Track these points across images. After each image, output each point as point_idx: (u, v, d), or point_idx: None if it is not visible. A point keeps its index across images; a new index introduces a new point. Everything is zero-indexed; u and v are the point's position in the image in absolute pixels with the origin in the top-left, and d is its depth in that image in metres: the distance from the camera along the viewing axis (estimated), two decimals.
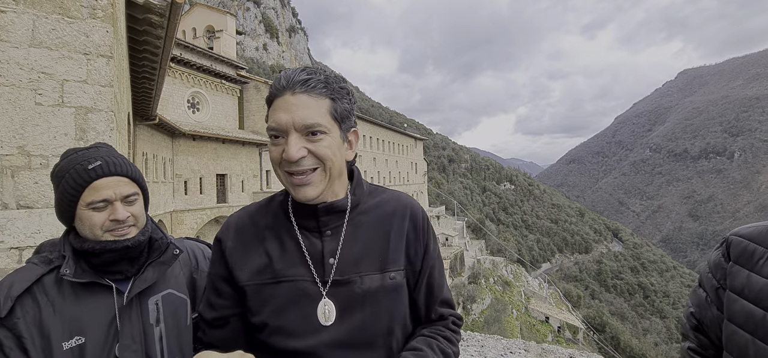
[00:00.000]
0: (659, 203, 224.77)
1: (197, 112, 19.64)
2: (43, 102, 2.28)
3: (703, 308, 0.97)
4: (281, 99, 0.80)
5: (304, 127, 0.78)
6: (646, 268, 71.59)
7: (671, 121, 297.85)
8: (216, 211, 18.46)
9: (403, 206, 0.95)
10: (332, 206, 0.87)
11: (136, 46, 5.03)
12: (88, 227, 1.00)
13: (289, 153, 0.78)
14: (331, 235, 0.88)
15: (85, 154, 1.01)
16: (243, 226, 0.93)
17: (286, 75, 0.81)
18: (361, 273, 0.86)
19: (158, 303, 1.09)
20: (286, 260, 0.86)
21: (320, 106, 0.80)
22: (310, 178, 0.81)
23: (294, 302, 0.84)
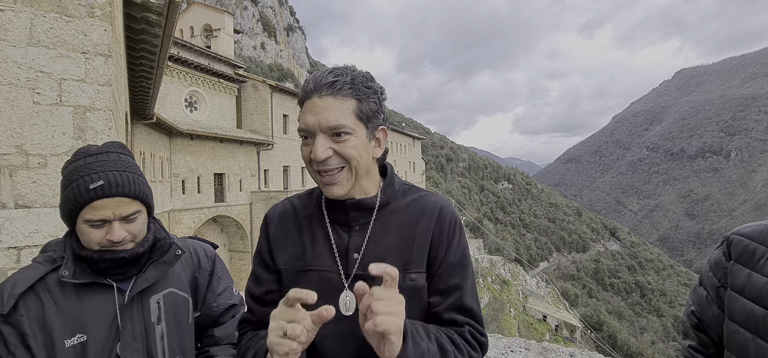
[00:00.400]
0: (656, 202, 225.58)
1: (195, 111, 19.59)
2: (41, 101, 2.27)
3: (704, 307, 0.98)
4: (310, 102, 0.84)
5: (330, 129, 0.82)
6: (643, 267, 71.82)
7: (668, 120, 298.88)
8: (214, 210, 18.42)
9: (433, 205, 0.94)
10: (360, 203, 0.91)
11: (134, 45, 5.02)
12: (85, 240, 1.01)
13: (316, 153, 0.82)
14: (359, 230, 0.91)
15: (93, 164, 0.99)
16: (286, 213, 1.00)
17: (314, 78, 0.85)
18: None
19: (160, 302, 1.10)
20: (316, 251, 0.92)
21: (345, 108, 0.83)
22: (336, 177, 0.85)
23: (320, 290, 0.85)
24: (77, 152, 1.04)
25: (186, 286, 1.18)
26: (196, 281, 1.22)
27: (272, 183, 22.22)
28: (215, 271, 1.29)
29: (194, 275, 1.22)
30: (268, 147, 21.71)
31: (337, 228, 0.93)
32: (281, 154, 22.84)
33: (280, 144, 22.64)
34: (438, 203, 0.95)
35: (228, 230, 20.22)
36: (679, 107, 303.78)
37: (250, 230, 20.23)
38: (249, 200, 20.38)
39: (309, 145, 0.85)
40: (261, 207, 20.12)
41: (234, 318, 1.30)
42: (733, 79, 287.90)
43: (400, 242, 0.91)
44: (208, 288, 1.25)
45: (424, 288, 0.90)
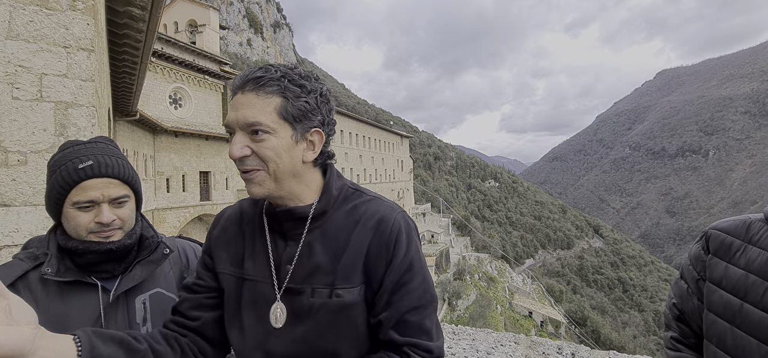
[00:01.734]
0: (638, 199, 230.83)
1: (179, 108, 19.27)
2: (21, 96, 2.21)
3: (685, 299, 1.01)
4: (235, 98, 0.80)
5: (247, 126, 0.77)
6: (625, 263, 73.45)
7: (650, 120, 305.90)
8: (199, 209, 18.16)
9: (372, 214, 0.85)
10: (292, 212, 0.84)
11: (116, 40, 4.91)
12: (72, 227, 0.97)
13: (231, 151, 0.79)
14: (294, 241, 0.85)
15: (80, 150, 0.98)
16: (234, 217, 0.96)
17: (244, 73, 0.81)
18: (313, 286, 0.82)
19: (145, 302, 1.06)
20: (254, 259, 0.88)
21: (266, 105, 0.77)
22: (255, 177, 0.80)
23: (252, 301, 0.86)
24: (64, 144, 1.02)
25: (174, 286, 1.14)
26: (184, 282, 1.20)
27: None
28: None
29: (183, 275, 1.19)
30: None
31: (276, 237, 0.88)
32: None
33: None
34: (378, 212, 0.85)
35: None
36: (661, 107, 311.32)
37: None
38: (236, 199, 20.16)
39: (232, 143, 0.81)
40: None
41: None
42: (712, 81, 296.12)
43: (331, 254, 0.83)
44: None
45: (357, 304, 0.82)
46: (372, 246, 0.82)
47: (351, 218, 0.85)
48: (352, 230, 0.84)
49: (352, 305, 0.81)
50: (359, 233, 0.83)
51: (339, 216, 0.86)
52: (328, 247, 0.84)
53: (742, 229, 0.90)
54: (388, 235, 0.82)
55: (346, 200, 0.88)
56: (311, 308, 0.81)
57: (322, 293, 0.81)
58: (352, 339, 0.82)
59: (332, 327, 0.81)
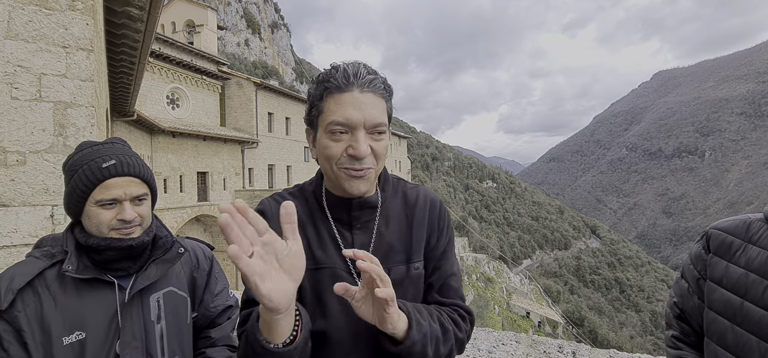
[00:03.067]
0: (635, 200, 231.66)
1: (177, 108, 19.21)
2: (20, 96, 2.20)
3: (686, 298, 1.02)
4: (349, 95, 0.80)
5: (373, 126, 0.81)
6: (622, 263, 73.66)
7: (646, 121, 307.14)
8: (197, 209, 18.11)
9: (424, 198, 0.98)
10: (366, 202, 0.90)
11: (114, 40, 4.89)
12: (94, 224, 0.99)
13: (360, 150, 0.79)
14: (361, 229, 0.91)
15: (100, 150, 1.01)
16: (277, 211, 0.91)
17: (350, 69, 0.81)
18: (389, 265, 0.89)
19: (160, 300, 1.08)
20: (323, 249, 0.90)
21: (382, 106, 0.83)
22: (366, 174, 0.83)
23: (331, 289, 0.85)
24: (81, 144, 1.04)
25: (185, 285, 1.17)
26: (194, 281, 1.21)
27: (257, 182, 21.98)
28: (213, 271, 1.27)
29: (192, 274, 1.21)
30: (252, 145, 21.46)
31: (340, 226, 0.91)
32: (266, 153, 22.60)
33: (265, 142, 22.40)
34: (429, 196, 0.99)
35: (211, 230, 19.91)
36: (657, 108, 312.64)
37: None
38: (233, 199, 20.10)
39: (342, 140, 0.81)
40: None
41: (230, 320, 1.28)
42: (708, 82, 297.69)
43: (401, 236, 0.93)
44: (205, 288, 1.23)
45: (423, 274, 0.94)
46: (430, 223, 0.96)
47: (407, 203, 0.97)
48: (412, 212, 0.95)
49: (423, 275, 0.93)
50: (418, 214, 0.95)
51: (396, 202, 0.96)
52: (394, 229, 0.93)
53: (743, 228, 0.92)
54: (438, 212, 0.97)
55: (396, 188, 0.99)
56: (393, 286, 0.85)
57: (400, 270, 0.90)
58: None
59: (411, 296, 0.90)
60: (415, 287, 0.92)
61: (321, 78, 0.85)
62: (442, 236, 0.97)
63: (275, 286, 0.59)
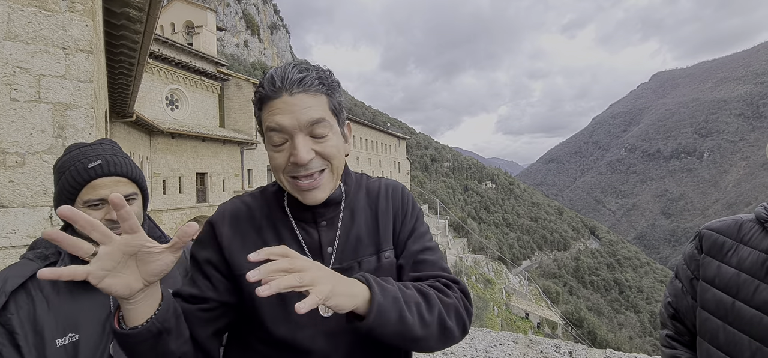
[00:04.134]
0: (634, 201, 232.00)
1: (176, 109, 19.20)
2: (19, 97, 2.21)
3: (679, 298, 1.03)
4: (278, 100, 0.76)
5: (309, 126, 0.76)
6: (621, 264, 73.71)
7: (645, 122, 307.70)
8: (196, 210, 18.10)
9: (385, 186, 0.98)
10: (328, 199, 0.87)
11: (114, 41, 4.90)
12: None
13: (300, 156, 0.75)
14: (327, 226, 0.88)
15: (87, 151, 1.01)
16: (239, 213, 0.89)
17: (277, 74, 0.77)
18: (359, 258, 0.87)
19: None
20: None
21: (320, 104, 0.78)
22: (318, 181, 0.80)
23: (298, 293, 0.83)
24: (70, 146, 1.05)
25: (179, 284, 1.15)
26: None
27: (256, 183, 21.97)
28: None
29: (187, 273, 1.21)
30: (251, 146, 21.45)
31: (303, 226, 0.87)
32: (265, 154, 22.54)
33: None
34: (390, 184, 0.99)
35: None
36: (656, 109, 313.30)
37: None
38: None
39: (284, 150, 0.78)
40: None
41: None
42: (706, 83, 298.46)
43: (368, 228, 0.91)
44: None
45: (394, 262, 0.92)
46: (394, 208, 0.95)
47: (371, 194, 0.96)
48: (376, 203, 0.95)
49: (394, 264, 0.91)
50: (382, 203, 0.95)
51: (360, 196, 0.95)
52: (360, 222, 0.91)
53: (734, 229, 0.93)
54: (401, 197, 0.97)
55: (358, 183, 0.98)
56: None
57: (371, 261, 0.88)
58: None
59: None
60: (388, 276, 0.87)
61: (257, 89, 0.82)
62: (406, 217, 0.95)
63: (117, 280, 0.64)
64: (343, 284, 0.68)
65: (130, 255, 0.65)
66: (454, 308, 0.82)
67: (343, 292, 0.66)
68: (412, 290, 0.78)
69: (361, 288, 0.70)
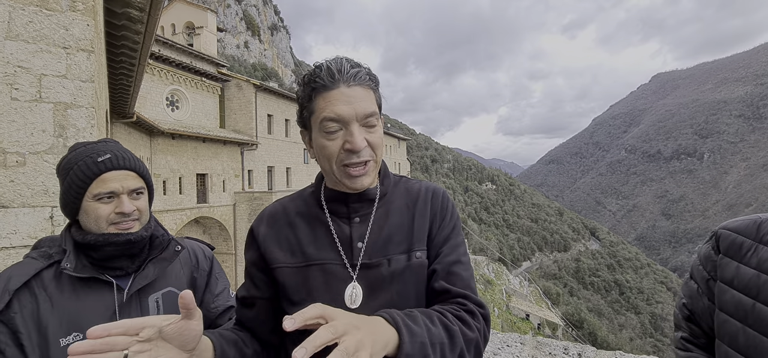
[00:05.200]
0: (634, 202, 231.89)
1: (176, 110, 19.19)
2: (20, 97, 2.19)
3: (695, 299, 1.01)
4: (336, 91, 0.81)
5: (365, 117, 0.82)
6: (621, 265, 73.64)
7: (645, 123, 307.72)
8: (196, 211, 18.08)
9: (426, 189, 0.99)
10: (363, 194, 0.91)
11: (114, 41, 4.88)
12: (93, 219, 0.99)
13: (356, 143, 0.80)
14: (359, 221, 0.90)
15: (94, 147, 1.01)
16: (275, 214, 0.96)
17: (334, 66, 0.82)
18: (389, 256, 0.88)
19: (159, 301, 1.07)
20: (316, 245, 0.89)
21: (371, 97, 0.84)
22: (366, 168, 0.84)
23: (325, 284, 0.86)
24: (74, 145, 1.04)
25: (184, 285, 1.15)
26: (194, 281, 1.19)
27: (256, 184, 21.94)
28: (213, 272, 1.26)
29: (192, 274, 1.20)
30: (252, 147, 21.43)
31: (337, 220, 0.91)
32: (266, 155, 22.57)
33: (265, 144, 22.38)
34: (431, 187, 1.00)
35: (211, 232, 19.87)
36: (656, 110, 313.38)
37: (233, 231, 19.93)
38: (232, 201, 20.07)
39: (336, 137, 0.82)
40: (245, 208, 19.84)
41: (231, 320, 1.27)
42: (706, 84, 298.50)
43: (401, 225, 0.92)
44: (206, 289, 1.22)
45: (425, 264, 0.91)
46: (433, 211, 0.95)
47: (409, 195, 0.97)
48: (415, 203, 0.96)
49: (425, 265, 0.91)
50: (421, 204, 0.95)
51: (397, 194, 0.97)
52: (394, 220, 0.92)
53: (753, 228, 0.91)
54: (441, 201, 0.97)
55: (396, 182, 1.00)
56: (392, 275, 0.86)
57: (400, 259, 0.88)
58: (421, 297, 0.89)
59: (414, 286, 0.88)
60: (416, 277, 0.89)
61: (306, 79, 0.85)
62: (443, 222, 0.94)
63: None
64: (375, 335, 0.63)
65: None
66: (475, 343, 0.80)
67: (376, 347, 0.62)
68: (438, 328, 0.74)
69: (391, 335, 0.67)
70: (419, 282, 0.89)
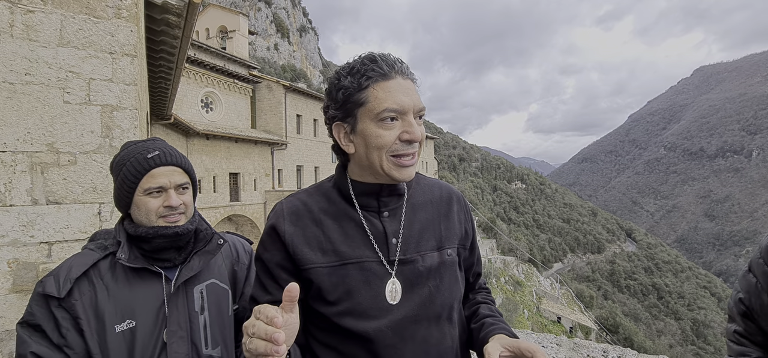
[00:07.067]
0: (674, 202, 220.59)
1: (210, 111, 19.87)
2: (71, 100, 2.33)
3: (753, 294, 0.95)
4: (393, 81, 0.82)
5: (418, 111, 0.84)
6: (660, 268, 70.30)
7: (687, 119, 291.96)
8: (229, 209, 18.66)
9: (449, 191, 1.03)
10: (394, 189, 0.91)
11: (154, 46, 5.11)
12: (143, 213, 1.05)
13: (416, 133, 0.82)
14: (389, 216, 0.91)
15: (144, 145, 1.08)
16: (297, 210, 0.91)
17: (388, 59, 0.83)
18: (422, 252, 0.90)
19: (203, 292, 1.13)
20: (348, 242, 0.87)
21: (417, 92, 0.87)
22: (414, 159, 0.85)
23: (365, 282, 0.85)
24: (126, 143, 1.12)
25: (226, 278, 1.21)
26: (235, 274, 1.25)
27: (286, 182, 22.41)
28: (252, 265, 1.30)
29: (233, 267, 1.25)
30: (281, 147, 21.91)
31: (368, 216, 0.90)
32: (295, 154, 23.02)
33: (294, 144, 22.83)
34: (453, 189, 1.05)
35: (243, 229, 20.46)
36: (698, 106, 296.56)
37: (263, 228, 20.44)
38: (263, 200, 20.60)
39: (393, 127, 0.81)
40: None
41: None
42: (755, 77, 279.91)
43: (429, 221, 0.94)
44: (245, 282, 1.27)
45: (456, 262, 0.96)
46: (459, 213, 1.00)
47: (430, 191, 1.00)
48: (440, 201, 0.99)
49: (457, 262, 0.96)
50: (446, 204, 0.99)
51: (418, 191, 0.98)
52: (422, 216, 0.94)
53: None
54: (465, 205, 1.04)
55: (416, 178, 1.00)
56: (428, 271, 0.88)
57: (433, 256, 0.91)
58: (457, 289, 0.95)
59: (449, 282, 0.92)
60: (448, 273, 0.92)
61: (357, 69, 0.83)
62: (472, 225, 1.04)
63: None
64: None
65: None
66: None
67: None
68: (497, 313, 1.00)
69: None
70: (451, 278, 0.93)
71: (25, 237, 2.22)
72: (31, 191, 2.23)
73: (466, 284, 1.07)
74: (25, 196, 2.21)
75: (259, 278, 0.93)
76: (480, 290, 1.09)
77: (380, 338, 0.82)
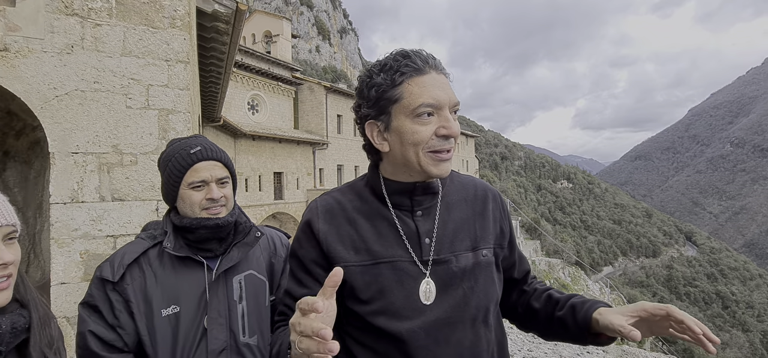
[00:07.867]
0: (742, 203, 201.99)
1: (256, 113, 20.71)
2: (133, 105, 2.54)
3: None
4: (428, 76, 0.80)
5: (454, 106, 0.83)
6: (725, 275, 64.67)
7: (758, 112, 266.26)
8: (273, 207, 19.38)
9: (484, 188, 1.00)
10: (428, 186, 0.89)
11: (204, 52, 5.42)
12: (188, 205, 1.13)
13: (453, 128, 0.81)
14: (423, 216, 0.89)
15: (187, 141, 1.17)
16: (331, 208, 0.91)
17: (421, 54, 0.83)
18: (456, 252, 0.87)
19: (241, 282, 1.19)
20: (381, 242, 0.86)
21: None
22: (450, 154, 0.84)
23: (398, 282, 0.84)
24: (171, 140, 1.21)
25: (264, 269, 1.27)
26: (272, 266, 1.31)
27: (327, 182, 22.91)
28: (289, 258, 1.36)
29: (270, 260, 1.31)
30: (323, 147, 22.43)
31: (400, 215, 0.88)
32: (335, 154, 23.48)
33: (334, 144, 23.28)
34: (488, 186, 1.02)
35: (286, 226, 21.17)
36: None
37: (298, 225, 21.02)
38: (305, 198, 21.19)
39: (429, 123, 0.80)
40: None
41: None
42: None
43: (463, 221, 0.92)
44: (282, 274, 1.33)
45: (494, 263, 0.93)
46: (495, 212, 0.97)
47: (465, 189, 0.97)
48: (475, 200, 0.96)
49: (493, 263, 0.93)
50: (482, 202, 0.96)
51: (451, 189, 0.95)
52: (456, 216, 0.92)
53: None
54: (502, 203, 1.00)
55: (450, 176, 0.97)
56: (463, 272, 0.87)
57: (468, 257, 0.89)
58: (495, 292, 0.92)
59: (484, 283, 0.89)
60: (484, 274, 0.89)
61: (390, 65, 0.82)
62: (510, 223, 1.01)
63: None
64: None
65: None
66: None
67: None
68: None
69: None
70: (487, 279, 0.90)
71: (95, 231, 2.44)
72: (99, 188, 2.45)
73: (516, 282, 1.06)
74: (94, 193, 2.44)
75: (293, 274, 0.94)
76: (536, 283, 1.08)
77: (413, 339, 0.81)
